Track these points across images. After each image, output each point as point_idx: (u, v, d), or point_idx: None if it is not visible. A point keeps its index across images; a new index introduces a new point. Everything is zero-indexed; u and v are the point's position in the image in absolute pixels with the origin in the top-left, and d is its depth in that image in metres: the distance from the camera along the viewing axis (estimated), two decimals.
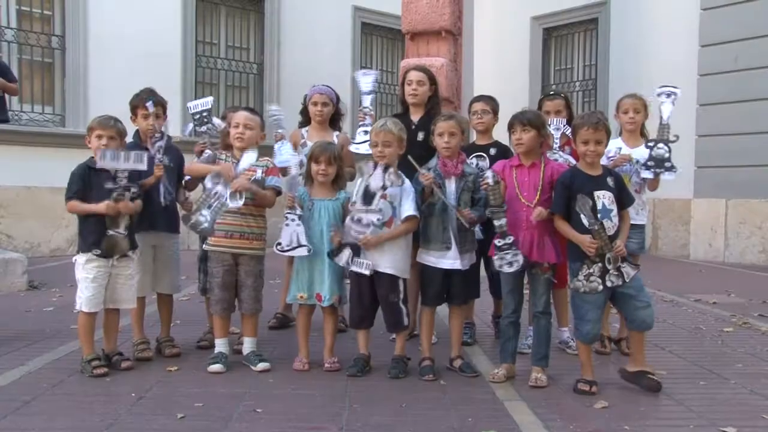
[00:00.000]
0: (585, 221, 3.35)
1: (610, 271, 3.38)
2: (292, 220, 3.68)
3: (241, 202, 3.68)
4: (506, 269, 3.50)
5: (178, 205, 4.15)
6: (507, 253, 3.48)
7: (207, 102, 4.21)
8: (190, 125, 4.17)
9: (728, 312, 5.67)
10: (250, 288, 3.84)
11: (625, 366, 3.58)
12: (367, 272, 3.61)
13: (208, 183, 3.72)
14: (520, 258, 3.47)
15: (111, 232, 3.59)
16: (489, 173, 3.55)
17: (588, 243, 3.35)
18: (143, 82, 4.37)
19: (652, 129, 4.22)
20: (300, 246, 3.67)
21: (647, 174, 4.04)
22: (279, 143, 4.15)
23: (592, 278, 3.38)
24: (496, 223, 3.49)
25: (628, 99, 4.30)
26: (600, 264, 3.37)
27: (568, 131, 4.07)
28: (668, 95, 4.01)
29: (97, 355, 3.66)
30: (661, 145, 3.99)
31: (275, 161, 4.00)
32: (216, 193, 3.69)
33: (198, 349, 4.18)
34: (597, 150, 3.46)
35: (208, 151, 4.01)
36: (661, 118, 4.00)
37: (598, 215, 3.37)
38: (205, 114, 4.12)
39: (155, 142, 3.89)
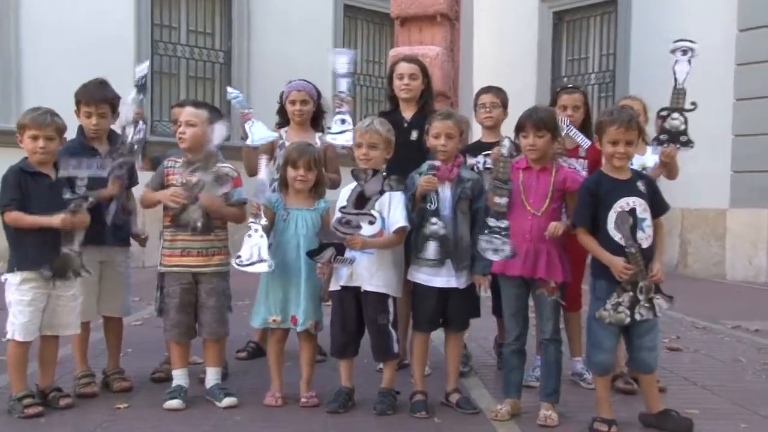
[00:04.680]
0: (621, 241, 3.39)
1: (641, 302, 3.40)
2: (255, 231, 3.69)
3: (227, 188, 3.76)
4: (490, 255, 3.53)
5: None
6: (497, 238, 3.50)
7: (145, 67, 4.32)
8: (133, 93, 4.17)
9: None
10: (213, 309, 3.85)
11: (644, 410, 3.58)
12: (349, 265, 3.65)
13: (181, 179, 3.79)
14: (509, 249, 3.49)
15: (65, 250, 3.59)
16: (506, 142, 3.58)
17: (621, 268, 3.37)
18: (88, 72, 4.38)
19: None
20: (260, 261, 3.67)
21: (656, 151, 3.92)
22: (249, 123, 4.22)
23: (620, 308, 3.40)
24: (497, 200, 3.53)
25: (626, 102, 4.33)
26: (631, 293, 3.40)
27: (572, 132, 4.11)
28: (684, 52, 3.88)
29: (30, 391, 3.65)
30: (675, 114, 3.85)
31: (250, 142, 4.06)
32: (199, 181, 3.74)
33: (152, 382, 4.19)
34: (627, 152, 3.49)
35: (141, 124, 4.03)
36: (675, 81, 3.87)
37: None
38: (143, 80, 4.25)
39: (116, 157, 3.93)
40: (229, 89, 4.60)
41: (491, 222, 3.52)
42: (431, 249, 3.67)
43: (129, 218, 4.12)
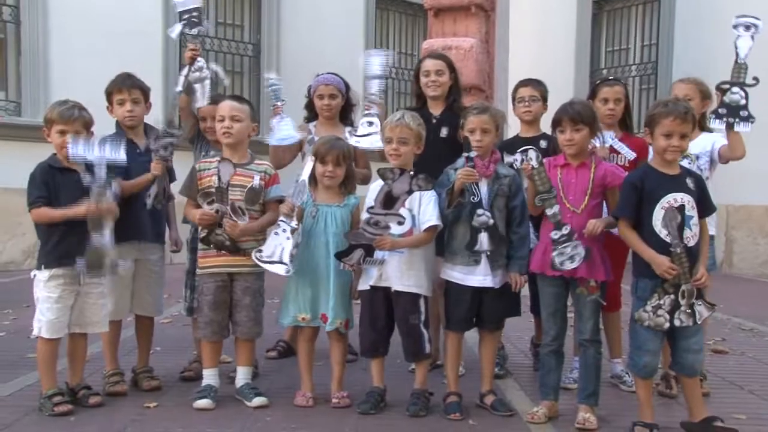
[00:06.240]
0: (667, 238, 3.36)
1: (682, 308, 3.38)
2: (284, 231, 3.72)
3: (246, 219, 3.78)
4: (568, 265, 3.52)
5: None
6: (566, 246, 3.51)
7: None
8: (178, 27, 4.26)
9: None
10: (248, 308, 3.89)
11: (688, 418, 3.54)
12: (380, 266, 3.69)
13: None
14: (582, 250, 3.50)
15: (96, 237, 3.61)
16: (532, 153, 3.57)
17: (666, 267, 3.34)
18: (116, 64, 4.45)
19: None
20: (280, 262, 3.70)
21: (717, 125, 3.89)
22: (278, 117, 4.24)
23: (659, 311, 3.38)
24: (549, 212, 3.54)
25: (681, 84, 4.30)
26: (672, 296, 3.37)
27: (618, 145, 4.11)
28: (747, 27, 3.91)
29: (59, 389, 3.71)
30: (735, 89, 3.86)
31: (272, 140, 4.08)
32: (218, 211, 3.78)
33: (182, 381, 4.24)
34: (681, 145, 3.46)
35: (200, 62, 4.11)
36: (737, 55, 3.90)
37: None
38: (194, 14, 4.23)
39: (161, 136, 4.00)
40: (269, 76, 4.62)
41: (555, 235, 3.53)
42: (484, 240, 3.66)
43: (171, 203, 4.19)
